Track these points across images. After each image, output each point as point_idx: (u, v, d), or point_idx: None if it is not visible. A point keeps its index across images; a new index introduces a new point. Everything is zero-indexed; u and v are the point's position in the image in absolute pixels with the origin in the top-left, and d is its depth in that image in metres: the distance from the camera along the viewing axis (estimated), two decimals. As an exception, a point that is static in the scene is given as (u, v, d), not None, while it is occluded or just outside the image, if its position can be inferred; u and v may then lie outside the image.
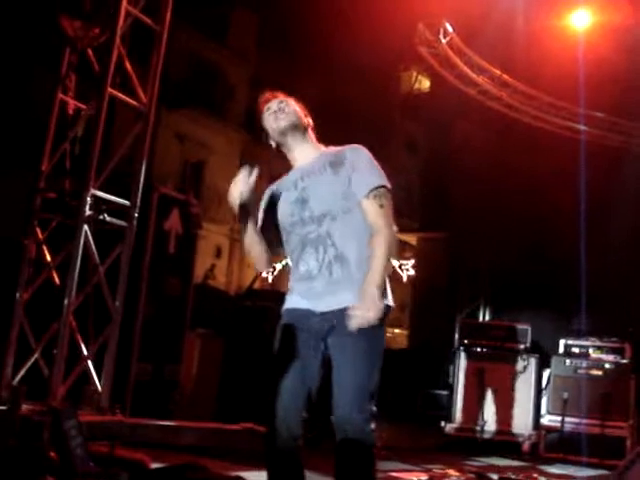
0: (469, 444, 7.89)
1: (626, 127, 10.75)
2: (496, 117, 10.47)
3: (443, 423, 8.24)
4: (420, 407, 10.50)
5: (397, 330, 21.91)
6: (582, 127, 10.69)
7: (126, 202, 5.63)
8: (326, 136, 3.24)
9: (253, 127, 22.56)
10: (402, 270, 21.55)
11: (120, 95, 5.66)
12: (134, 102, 5.79)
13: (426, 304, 14.17)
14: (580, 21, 10.35)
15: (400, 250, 21.93)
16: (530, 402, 8.10)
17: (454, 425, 8.16)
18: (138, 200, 5.68)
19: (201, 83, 21.27)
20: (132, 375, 5.80)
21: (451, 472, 5.93)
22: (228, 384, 7.11)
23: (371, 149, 3.07)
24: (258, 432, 5.07)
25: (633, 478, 3.11)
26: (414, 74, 19.32)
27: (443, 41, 9.50)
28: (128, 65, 5.69)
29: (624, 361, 7.96)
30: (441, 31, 9.47)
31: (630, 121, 10.69)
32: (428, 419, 9.54)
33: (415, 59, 11.88)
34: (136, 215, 5.65)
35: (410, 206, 18.39)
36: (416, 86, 21.14)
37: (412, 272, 18.11)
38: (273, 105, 3.16)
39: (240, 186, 2.99)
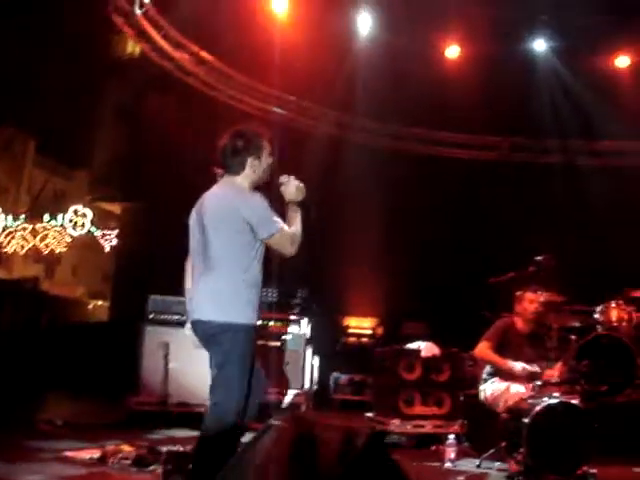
0: (154, 417, 7.96)
1: (314, 111, 11.41)
2: (193, 93, 10.53)
3: (129, 397, 8.24)
4: (111, 381, 10.35)
5: (100, 302, 21.45)
6: (276, 109, 11.18)
7: None
8: (24, 106, 3.15)
9: None
10: (105, 240, 21.16)
11: None
12: None
13: (128, 275, 13.88)
14: (279, 6, 10.71)
15: (104, 219, 21.48)
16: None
17: (140, 399, 8.19)
18: None
19: None
20: None
21: (124, 447, 5.95)
22: None
23: (76, 116, 3.06)
24: None
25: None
26: (123, 38, 18.78)
27: (139, 12, 9.36)
28: None
29: (301, 333, 8.55)
30: (137, 1, 9.31)
31: (318, 105, 11.36)
32: (116, 393, 9.44)
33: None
34: None
35: (116, 175, 17.93)
36: (129, 50, 20.56)
37: (115, 242, 17.78)
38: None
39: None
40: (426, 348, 7.53)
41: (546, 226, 11.09)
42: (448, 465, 6.40)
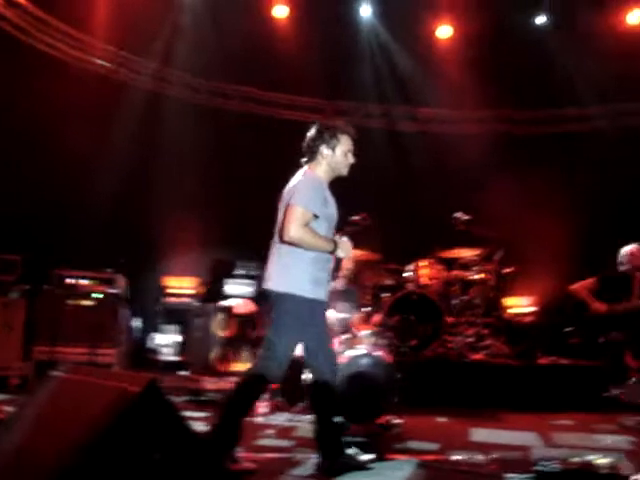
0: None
1: (135, 64, 11.01)
2: (7, 40, 9.76)
3: None
4: None
5: None
6: (98, 60, 10.69)
7: None
8: None
9: None
10: None
11: None
12: None
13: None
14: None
15: None
16: (20, 334, 8.02)
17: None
18: None
19: None
20: None
21: None
22: None
23: None
24: None
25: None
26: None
27: None
28: None
29: (114, 291, 8.32)
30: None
31: (139, 58, 10.97)
32: None
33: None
34: None
35: None
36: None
37: None
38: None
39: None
40: (240, 305, 7.55)
41: (367, 187, 11.32)
42: (260, 419, 6.48)
